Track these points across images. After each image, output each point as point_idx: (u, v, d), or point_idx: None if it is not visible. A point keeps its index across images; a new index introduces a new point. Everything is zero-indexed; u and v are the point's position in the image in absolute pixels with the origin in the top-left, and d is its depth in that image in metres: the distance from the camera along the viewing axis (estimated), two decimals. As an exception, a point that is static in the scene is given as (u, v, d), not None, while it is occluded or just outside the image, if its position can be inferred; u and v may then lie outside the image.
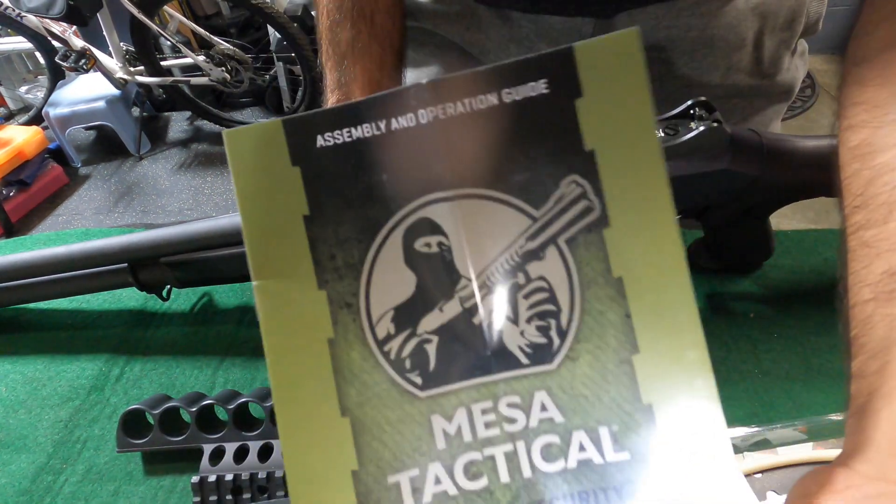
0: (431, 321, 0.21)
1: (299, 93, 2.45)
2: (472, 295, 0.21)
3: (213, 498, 0.36)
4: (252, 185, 0.20)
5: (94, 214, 2.28)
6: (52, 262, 0.45)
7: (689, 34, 0.51)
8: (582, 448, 0.20)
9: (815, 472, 0.24)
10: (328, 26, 0.49)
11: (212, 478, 0.36)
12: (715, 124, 0.38)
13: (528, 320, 0.21)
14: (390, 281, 0.20)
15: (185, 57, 2.32)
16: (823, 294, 0.46)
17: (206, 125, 2.68)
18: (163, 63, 2.40)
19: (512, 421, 0.20)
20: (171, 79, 2.39)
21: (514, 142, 0.20)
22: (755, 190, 0.41)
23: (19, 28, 2.31)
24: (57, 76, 2.59)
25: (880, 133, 0.27)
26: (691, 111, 0.39)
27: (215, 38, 2.25)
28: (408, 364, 0.20)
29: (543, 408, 0.20)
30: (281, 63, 2.40)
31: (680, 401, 0.20)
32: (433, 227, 0.20)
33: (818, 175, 0.41)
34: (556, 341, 0.20)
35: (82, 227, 2.18)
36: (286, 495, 0.36)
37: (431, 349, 0.21)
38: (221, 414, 0.41)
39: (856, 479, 0.22)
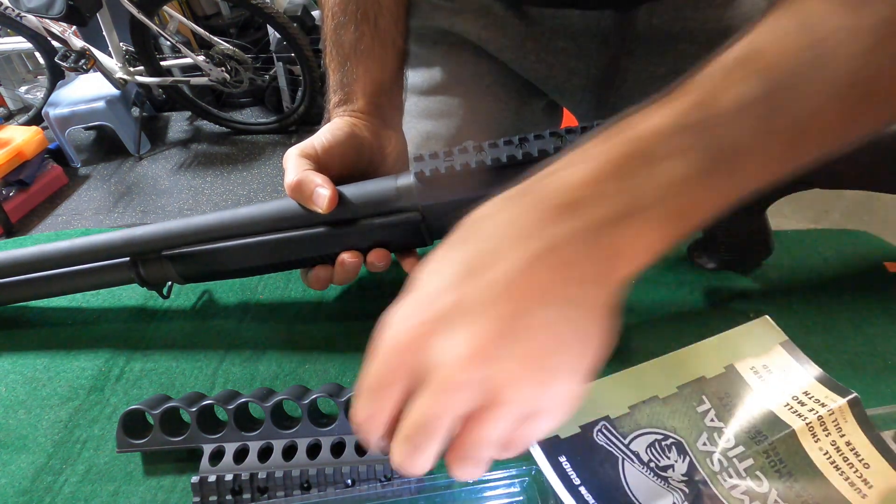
0: None
1: (299, 93, 2.45)
2: None
3: (213, 498, 0.36)
4: None
5: (93, 214, 2.28)
6: (53, 257, 0.45)
7: (706, 26, 0.52)
8: None
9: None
10: (332, 28, 0.50)
11: (212, 478, 0.36)
12: None
13: None
14: None
15: (185, 57, 2.32)
16: (823, 294, 0.46)
17: (206, 125, 2.68)
18: (162, 63, 2.40)
19: None
20: (171, 79, 2.39)
21: None
22: None
23: (19, 28, 2.31)
24: (56, 76, 2.59)
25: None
26: None
27: (215, 38, 2.25)
28: None
29: None
30: (281, 63, 2.40)
31: None
32: None
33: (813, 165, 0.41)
34: None
35: (82, 227, 2.18)
36: (286, 495, 0.36)
37: None
38: (221, 414, 0.41)
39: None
